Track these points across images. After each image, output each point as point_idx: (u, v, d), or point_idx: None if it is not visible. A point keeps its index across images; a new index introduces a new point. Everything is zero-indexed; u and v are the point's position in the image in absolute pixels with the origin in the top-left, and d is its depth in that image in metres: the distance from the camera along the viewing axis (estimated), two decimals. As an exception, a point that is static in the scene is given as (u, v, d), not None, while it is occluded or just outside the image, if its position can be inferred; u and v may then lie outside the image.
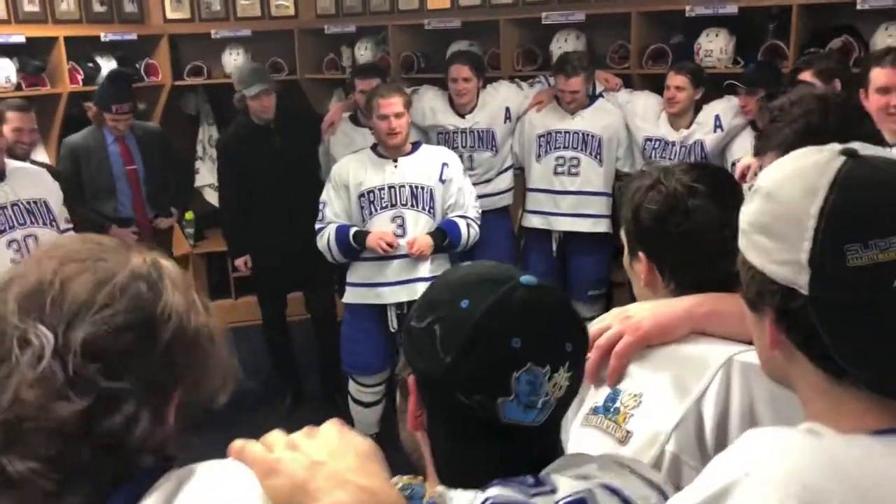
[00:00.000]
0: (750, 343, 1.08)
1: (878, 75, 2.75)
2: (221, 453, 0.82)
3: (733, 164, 3.56)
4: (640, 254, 1.31)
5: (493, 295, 0.92)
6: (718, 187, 1.27)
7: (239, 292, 5.61)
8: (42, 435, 0.73)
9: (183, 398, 0.84)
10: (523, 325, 0.91)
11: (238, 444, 0.81)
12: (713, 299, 1.21)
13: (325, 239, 3.55)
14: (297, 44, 5.47)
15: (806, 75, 3.30)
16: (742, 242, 0.86)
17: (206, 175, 5.64)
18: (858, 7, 3.66)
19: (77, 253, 0.80)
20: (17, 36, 4.49)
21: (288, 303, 4.58)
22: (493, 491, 0.89)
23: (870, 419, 0.79)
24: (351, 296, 3.67)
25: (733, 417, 1.09)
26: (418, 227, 3.53)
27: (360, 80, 4.21)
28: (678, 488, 0.95)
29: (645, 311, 1.20)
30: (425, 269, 3.53)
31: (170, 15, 5.38)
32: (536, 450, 0.96)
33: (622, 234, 1.36)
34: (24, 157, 3.84)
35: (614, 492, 0.92)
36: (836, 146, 0.82)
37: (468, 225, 3.59)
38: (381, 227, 3.51)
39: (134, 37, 5.08)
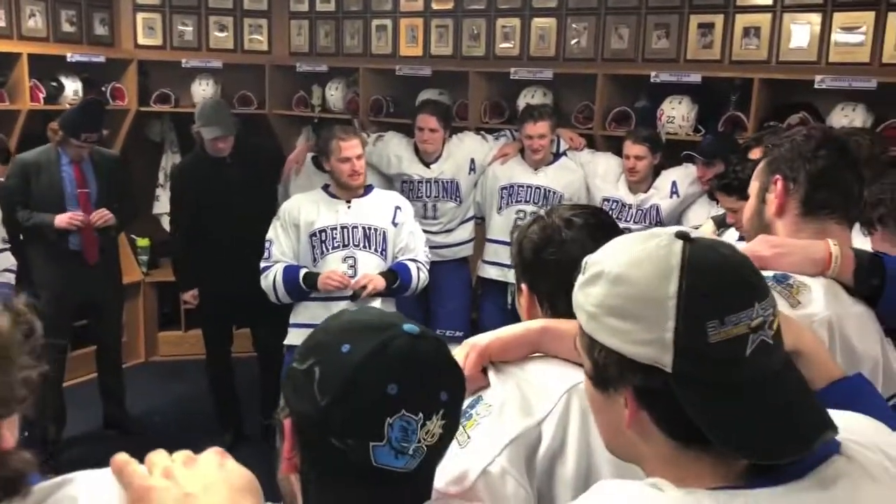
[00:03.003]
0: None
1: None
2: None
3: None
4: (523, 285, 1.37)
5: (373, 341, 0.93)
6: (594, 223, 1.35)
7: (189, 325, 5.51)
8: None
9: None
10: (400, 373, 0.92)
11: (121, 459, 0.80)
12: (549, 321, 1.29)
13: (271, 278, 3.49)
14: (268, 79, 5.48)
15: (756, 153, 3.35)
16: (590, 325, 0.89)
17: (165, 203, 5.54)
18: (816, 86, 3.76)
19: None
20: (-21, 49, 4.44)
21: (235, 339, 4.49)
22: None
23: (707, 479, 0.84)
24: (295, 337, 3.60)
25: (570, 444, 1.16)
26: (369, 269, 3.50)
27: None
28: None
29: (484, 335, 1.28)
30: (374, 312, 3.48)
31: (141, 41, 5.37)
32: (407, 495, 0.97)
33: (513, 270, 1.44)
34: None
35: None
36: (671, 229, 0.88)
37: (418, 269, 3.57)
38: (332, 266, 3.47)
39: (102, 59, 5.05)
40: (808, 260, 1.45)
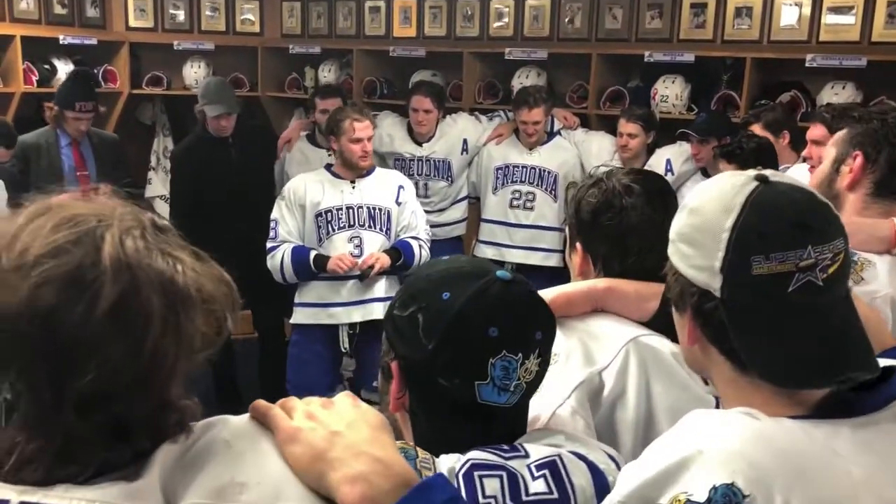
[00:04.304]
0: (642, 322, 1.28)
1: None
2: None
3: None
4: (577, 245, 1.42)
5: (471, 287, 1.00)
6: (653, 191, 1.38)
7: (184, 307, 5.50)
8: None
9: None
10: (499, 316, 0.99)
11: (262, 405, 0.84)
12: (613, 280, 1.34)
13: (279, 258, 3.51)
14: (261, 61, 5.47)
15: (755, 128, 3.43)
16: (670, 249, 0.98)
17: (157, 186, 5.56)
18: (807, 64, 3.83)
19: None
20: (-29, 32, 4.40)
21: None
22: (473, 453, 0.99)
23: (779, 407, 0.90)
24: (301, 316, 3.63)
25: (630, 392, 1.24)
26: (375, 248, 3.54)
27: (321, 100, 4.22)
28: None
29: (548, 290, 1.32)
30: (380, 290, 3.54)
31: (132, 23, 5.34)
32: (508, 427, 1.05)
33: (566, 227, 1.49)
34: None
35: (580, 457, 1.02)
36: (752, 172, 0.95)
37: (420, 246, 3.63)
38: (338, 246, 3.51)
39: (94, 42, 5.02)
40: (874, 238, 1.50)
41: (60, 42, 4.84)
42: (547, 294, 1.30)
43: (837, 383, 0.89)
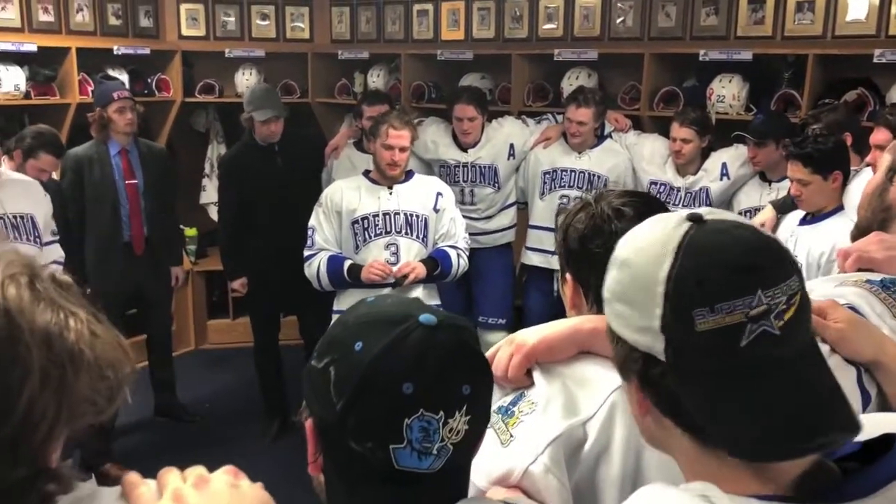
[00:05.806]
0: None
1: None
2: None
3: (739, 214, 3.47)
4: (568, 275, 1.31)
5: (386, 337, 0.88)
6: (647, 215, 1.23)
7: (237, 312, 5.57)
8: None
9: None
10: (415, 370, 0.87)
11: (131, 480, 0.77)
12: (601, 319, 1.21)
13: (315, 267, 3.48)
14: (311, 67, 5.49)
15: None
16: (606, 310, 0.86)
17: (211, 193, 5.61)
18: (875, 60, 3.59)
19: None
20: (30, 44, 4.50)
21: (282, 326, 4.51)
22: None
23: (742, 484, 0.78)
24: (339, 324, 3.58)
25: (616, 444, 1.10)
26: (411, 255, 3.47)
27: (368, 107, 4.19)
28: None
29: (531, 332, 1.21)
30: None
31: (185, 32, 5.42)
32: (435, 496, 0.92)
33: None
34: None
35: None
36: (684, 212, 0.82)
37: (458, 255, 3.54)
38: (374, 254, 3.45)
39: (147, 51, 5.10)
40: None
41: (115, 53, 4.92)
42: (527, 339, 1.19)
43: (815, 450, 0.75)
